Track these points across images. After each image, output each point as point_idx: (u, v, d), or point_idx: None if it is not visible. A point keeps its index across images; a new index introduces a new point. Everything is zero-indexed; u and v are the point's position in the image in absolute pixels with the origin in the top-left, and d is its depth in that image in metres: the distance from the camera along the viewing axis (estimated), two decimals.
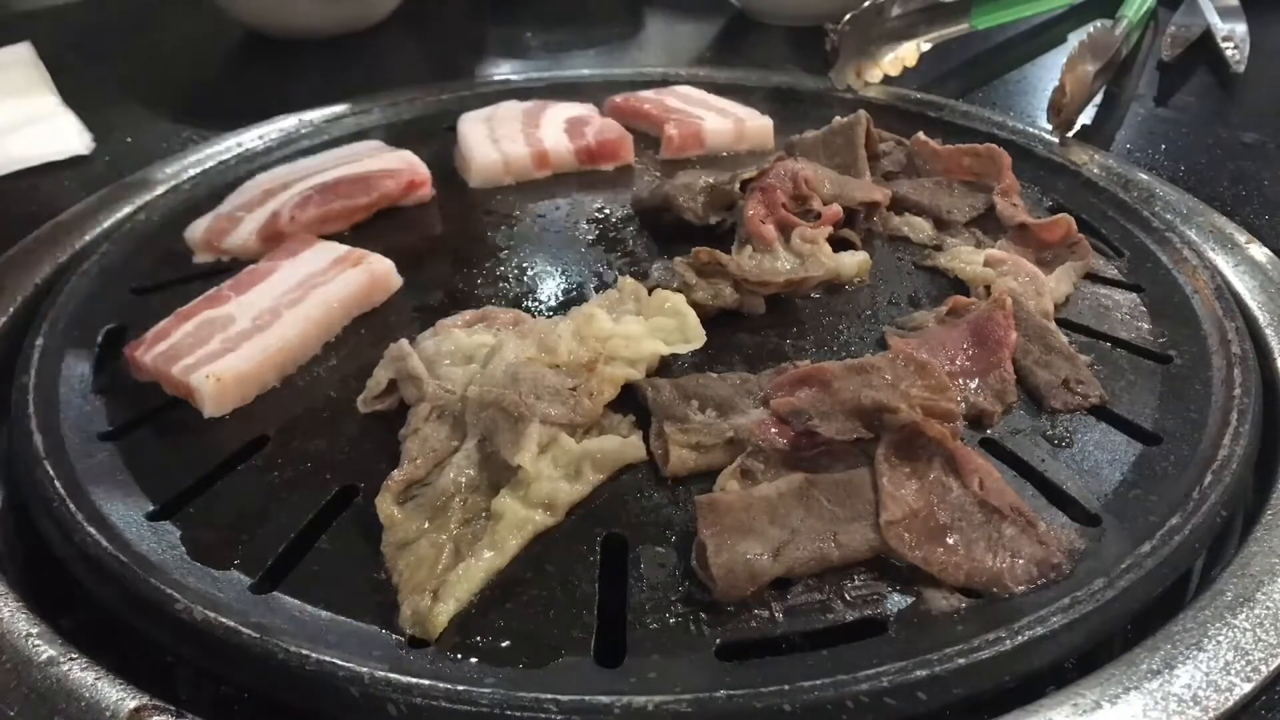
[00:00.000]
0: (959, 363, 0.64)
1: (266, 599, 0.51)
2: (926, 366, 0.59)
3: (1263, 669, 0.46)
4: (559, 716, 0.43)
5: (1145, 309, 0.73)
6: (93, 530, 0.54)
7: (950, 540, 0.51)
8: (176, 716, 0.44)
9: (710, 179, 0.81)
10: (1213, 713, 0.44)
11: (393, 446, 0.59)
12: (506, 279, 0.78)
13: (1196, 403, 0.63)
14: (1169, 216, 0.84)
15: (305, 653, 0.46)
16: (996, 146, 0.86)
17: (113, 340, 0.72)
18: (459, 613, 0.49)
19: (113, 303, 0.76)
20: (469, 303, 0.75)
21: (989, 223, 0.81)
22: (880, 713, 0.44)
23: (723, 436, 0.57)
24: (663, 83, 1.11)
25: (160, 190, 0.92)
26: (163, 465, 0.60)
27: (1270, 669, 0.47)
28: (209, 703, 0.50)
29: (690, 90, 1.07)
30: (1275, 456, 0.61)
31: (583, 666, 0.47)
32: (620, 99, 1.04)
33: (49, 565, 0.55)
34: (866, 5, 1.07)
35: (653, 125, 1.00)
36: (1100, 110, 1.12)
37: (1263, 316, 0.72)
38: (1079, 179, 0.90)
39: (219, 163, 0.97)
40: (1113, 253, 0.80)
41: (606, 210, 0.87)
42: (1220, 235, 0.82)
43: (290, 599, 0.50)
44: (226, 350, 0.65)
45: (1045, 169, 0.92)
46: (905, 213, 0.83)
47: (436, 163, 0.92)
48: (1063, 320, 0.70)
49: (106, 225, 0.87)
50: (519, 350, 0.62)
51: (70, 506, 0.55)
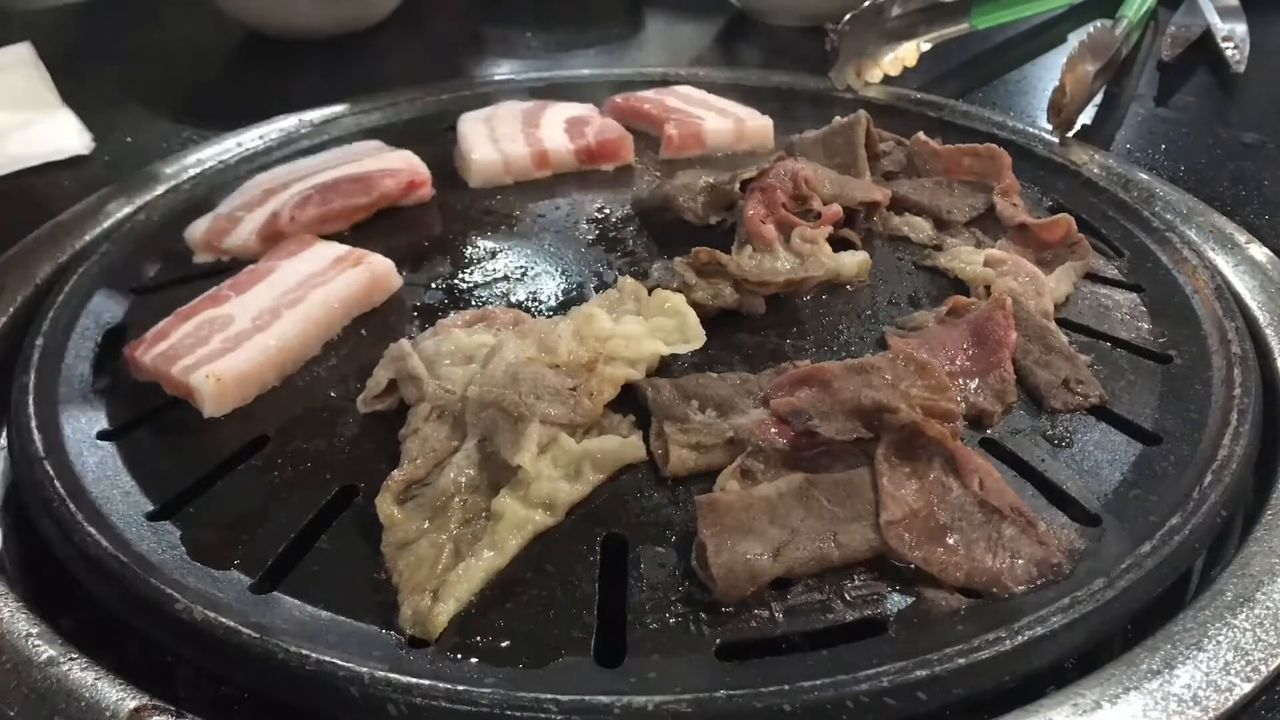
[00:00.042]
0: (959, 363, 0.64)
1: (266, 599, 0.51)
2: (926, 366, 0.59)
3: (1263, 669, 0.46)
4: (559, 716, 0.43)
5: (1145, 309, 0.73)
6: (93, 530, 0.54)
7: (950, 540, 0.51)
8: (176, 716, 0.44)
9: (710, 179, 0.81)
10: (1213, 713, 0.44)
11: (393, 446, 0.59)
12: (506, 279, 0.78)
13: (1196, 403, 0.63)
14: (1169, 216, 0.84)
15: (305, 653, 0.46)
16: (996, 146, 0.86)
17: (113, 340, 0.72)
18: (459, 613, 0.49)
19: (113, 303, 0.76)
20: (469, 303, 0.75)
21: (989, 223, 0.81)
22: (880, 713, 0.44)
23: (723, 436, 0.57)
24: (663, 83, 1.10)
25: (160, 190, 0.92)
26: (163, 465, 0.60)
27: (1270, 669, 0.47)
28: (209, 703, 0.50)
29: (690, 90, 1.06)
30: (1275, 456, 0.61)
31: (583, 666, 0.47)
32: (620, 99, 1.04)
33: (49, 565, 0.55)
34: (866, 5, 1.07)
35: (653, 125, 1.00)
36: (1100, 110, 1.12)
37: (1263, 316, 0.72)
38: (1079, 179, 0.90)
39: (219, 163, 0.97)
40: (1113, 253, 0.80)
41: (606, 210, 0.87)
42: (1220, 235, 0.82)
43: (290, 599, 0.50)
44: (226, 350, 0.65)
45: (1045, 169, 0.92)
46: (905, 213, 0.83)
47: (436, 163, 0.91)
48: (1063, 320, 0.70)
49: (106, 225, 0.87)
50: (519, 350, 0.62)
51: (70, 506, 0.55)
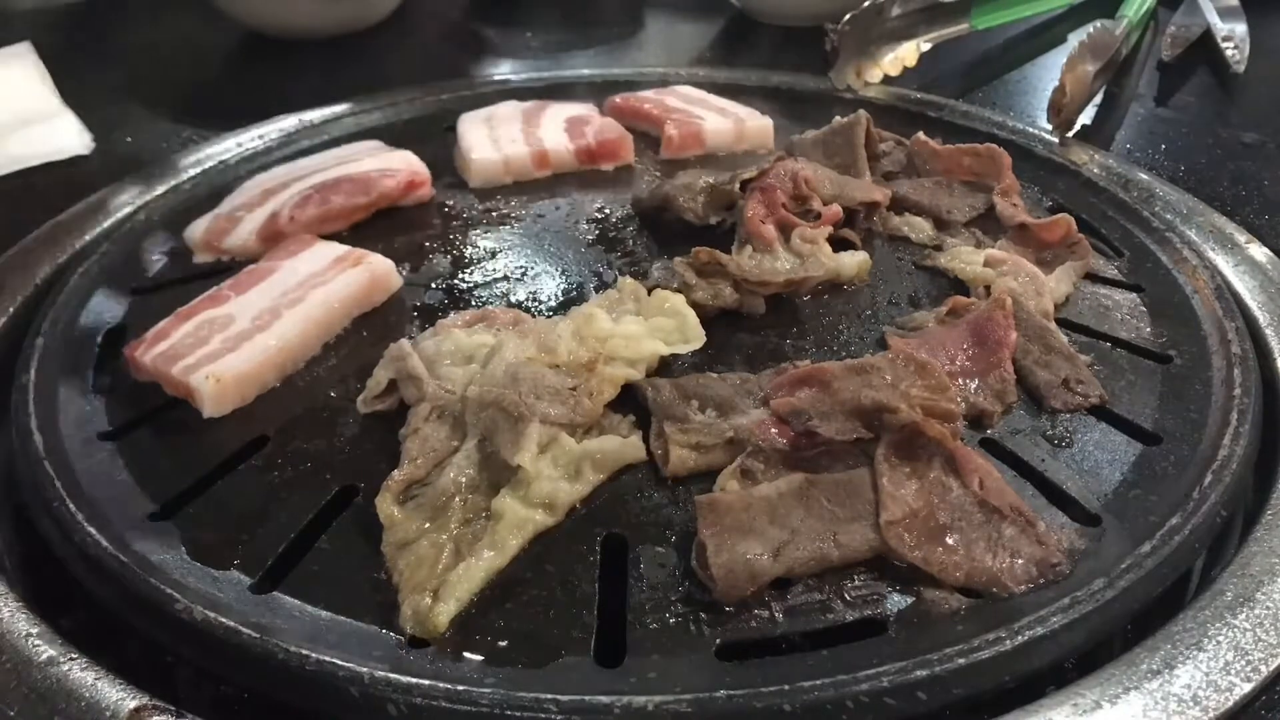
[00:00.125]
0: (959, 363, 0.64)
1: (266, 599, 0.51)
2: (926, 366, 0.59)
3: (1263, 669, 0.46)
4: (559, 716, 0.43)
5: (1145, 309, 0.73)
6: (93, 530, 0.54)
7: (950, 540, 0.51)
8: (176, 716, 0.44)
9: (710, 179, 0.81)
10: (1213, 713, 0.44)
11: (393, 446, 0.59)
12: (506, 279, 0.78)
13: (1196, 403, 0.63)
14: (1169, 216, 0.84)
15: (305, 653, 0.46)
16: (996, 146, 0.86)
17: (113, 340, 0.72)
18: (459, 613, 0.49)
19: (113, 303, 0.76)
20: (469, 303, 0.75)
21: (989, 223, 0.81)
22: (880, 713, 0.44)
23: (723, 436, 0.57)
24: (663, 83, 1.10)
25: (160, 190, 0.92)
26: (163, 465, 0.60)
27: (1270, 669, 0.47)
28: (209, 703, 0.50)
29: (690, 90, 1.06)
30: (1275, 456, 0.61)
31: (583, 666, 0.47)
32: (620, 99, 1.04)
33: (49, 565, 0.55)
34: (866, 5, 1.07)
35: (653, 125, 1.00)
36: (1100, 110, 1.12)
37: (1263, 316, 0.72)
38: (1079, 179, 0.90)
39: (219, 163, 0.97)
40: (1113, 253, 0.80)
41: (606, 210, 0.87)
42: (1220, 235, 0.82)
43: (290, 599, 0.50)
44: (226, 350, 0.65)
45: (1045, 169, 0.92)
46: (905, 213, 0.83)
47: (436, 163, 0.91)
48: (1063, 320, 0.70)
49: (106, 225, 0.87)
50: (519, 350, 0.62)
51: (70, 506, 0.55)
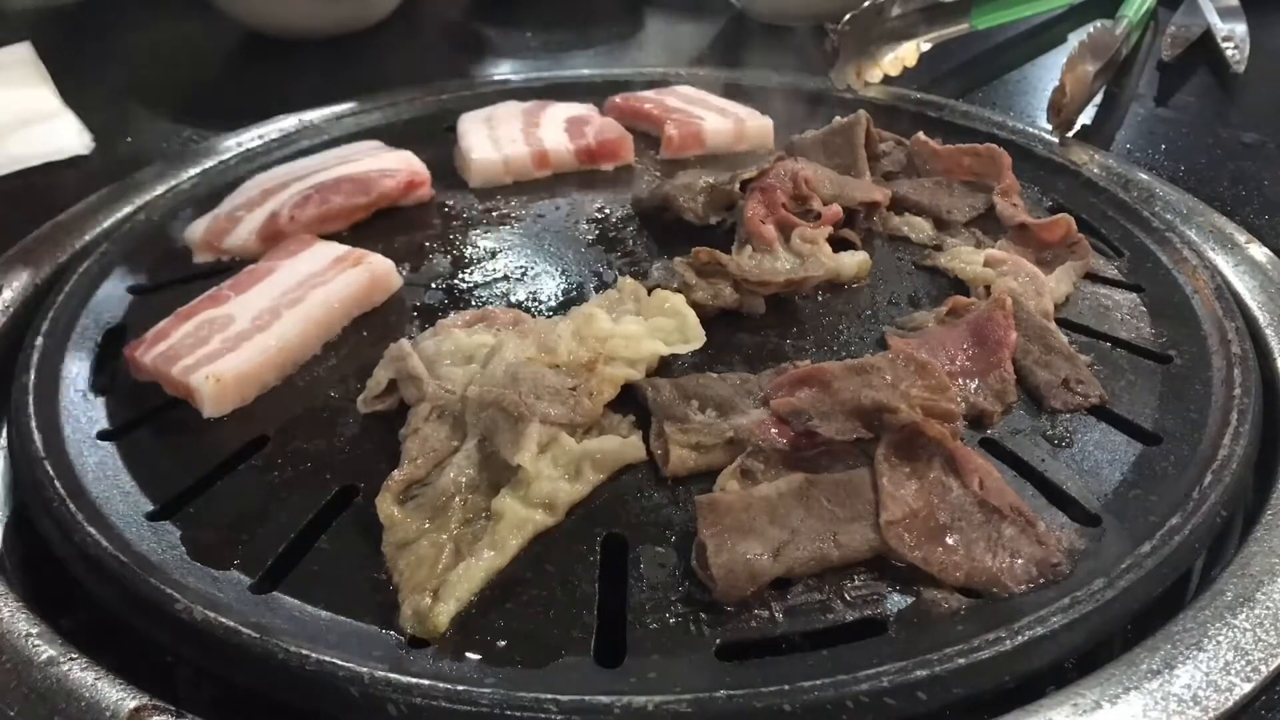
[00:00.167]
0: (959, 363, 0.64)
1: (266, 599, 0.51)
2: (926, 366, 0.59)
3: (1263, 669, 0.46)
4: (559, 716, 0.43)
5: (1145, 309, 0.73)
6: (93, 530, 0.54)
7: (950, 540, 0.51)
8: (176, 716, 0.44)
9: (710, 179, 0.81)
10: (1213, 713, 0.44)
11: (393, 446, 0.59)
12: (506, 279, 0.78)
13: (1196, 403, 0.63)
14: (1169, 216, 0.84)
15: (305, 653, 0.46)
16: (996, 146, 0.86)
17: (113, 340, 0.72)
18: (459, 613, 0.49)
19: (113, 303, 0.76)
20: (469, 303, 0.75)
21: (989, 223, 0.81)
22: (880, 713, 0.44)
23: (723, 436, 0.57)
24: (663, 83, 1.10)
25: (160, 190, 0.92)
26: (163, 465, 0.60)
27: (1270, 669, 0.47)
28: (209, 703, 0.50)
29: (690, 90, 1.06)
30: (1275, 456, 0.61)
31: (583, 666, 0.47)
32: (620, 99, 1.04)
33: (49, 565, 0.55)
34: (866, 5, 1.07)
35: (653, 125, 1.00)
36: (1100, 110, 1.12)
37: (1263, 316, 0.72)
38: (1079, 179, 0.90)
39: (219, 163, 0.97)
40: (1113, 253, 0.80)
41: (606, 210, 0.87)
42: (1220, 235, 0.82)
43: (290, 599, 0.50)
44: (226, 350, 0.65)
45: (1045, 169, 0.92)
46: (905, 213, 0.83)
47: (436, 163, 0.91)
48: (1063, 320, 0.70)
49: (106, 225, 0.87)
50: (519, 350, 0.62)
51: (70, 506, 0.55)
